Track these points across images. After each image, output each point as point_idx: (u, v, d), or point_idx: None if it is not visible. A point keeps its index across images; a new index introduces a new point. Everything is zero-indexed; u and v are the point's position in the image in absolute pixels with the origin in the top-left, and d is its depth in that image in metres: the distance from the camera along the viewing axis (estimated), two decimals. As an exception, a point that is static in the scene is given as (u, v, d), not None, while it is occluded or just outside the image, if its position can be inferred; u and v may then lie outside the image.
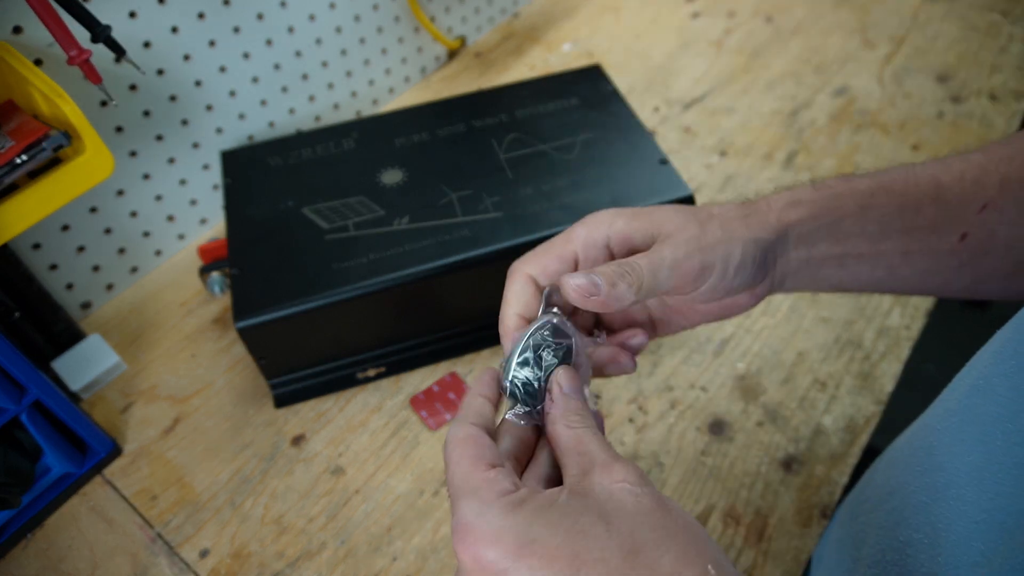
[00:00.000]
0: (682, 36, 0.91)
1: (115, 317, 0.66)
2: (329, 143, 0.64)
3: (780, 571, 0.48)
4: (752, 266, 0.34)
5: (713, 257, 0.33)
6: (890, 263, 0.37)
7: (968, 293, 0.38)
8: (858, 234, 0.36)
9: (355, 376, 0.59)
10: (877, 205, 0.36)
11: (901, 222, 0.36)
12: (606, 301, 0.31)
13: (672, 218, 0.35)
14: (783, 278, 0.37)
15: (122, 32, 0.55)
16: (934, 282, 0.38)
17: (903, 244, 0.36)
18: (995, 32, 0.87)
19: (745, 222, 0.35)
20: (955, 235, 0.36)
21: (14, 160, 0.43)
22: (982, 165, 0.36)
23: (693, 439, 0.55)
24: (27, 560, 0.51)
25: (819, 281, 0.38)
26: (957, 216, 0.36)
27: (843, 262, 0.37)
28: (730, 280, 0.34)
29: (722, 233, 0.34)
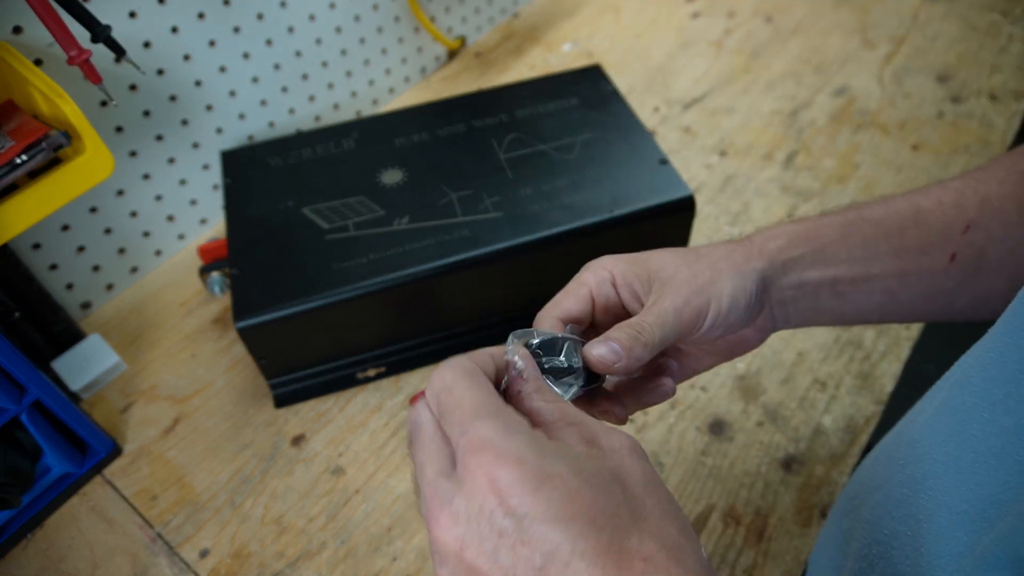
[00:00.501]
0: (682, 36, 0.91)
1: (115, 317, 0.66)
2: (329, 143, 0.64)
3: (780, 571, 0.48)
4: (744, 299, 0.35)
5: (706, 298, 0.35)
6: (887, 286, 0.37)
7: (971, 314, 0.38)
8: (844, 259, 0.37)
9: (355, 376, 0.59)
10: (857, 232, 0.37)
11: (887, 245, 0.37)
12: (628, 365, 0.33)
13: (666, 263, 0.36)
14: (783, 309, 0.38)
15: (122, 32, 0.55)
16: (937, 304, 0.38)
17: (895, 266, 0.37)
18: (995, 32, 0.87)
19: (730, 259, 0.36)
20: (944, 256, 0.36)
21: (14, 160, 0.43)
22: (959, 188, 0.37)
23: (693, 439, 0.55)
24: (27, 560, 0.51)
25: (821, 312, 0.38)
26: (942, 238, 0.36)
27: (838, 289, 0.37)
28: (725, 316, 0.35)
29: (711, 273, 0.35)
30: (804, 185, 0.72)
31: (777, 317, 0.38)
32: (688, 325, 0.34)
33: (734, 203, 0.71)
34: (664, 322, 0.34)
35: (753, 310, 0.36)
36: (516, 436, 0.25)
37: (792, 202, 0.71)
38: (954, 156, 0.74)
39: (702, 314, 0.35)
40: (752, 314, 0.36)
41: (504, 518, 0.23)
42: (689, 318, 0.34)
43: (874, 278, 0.37)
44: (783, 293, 0.37)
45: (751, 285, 0.36)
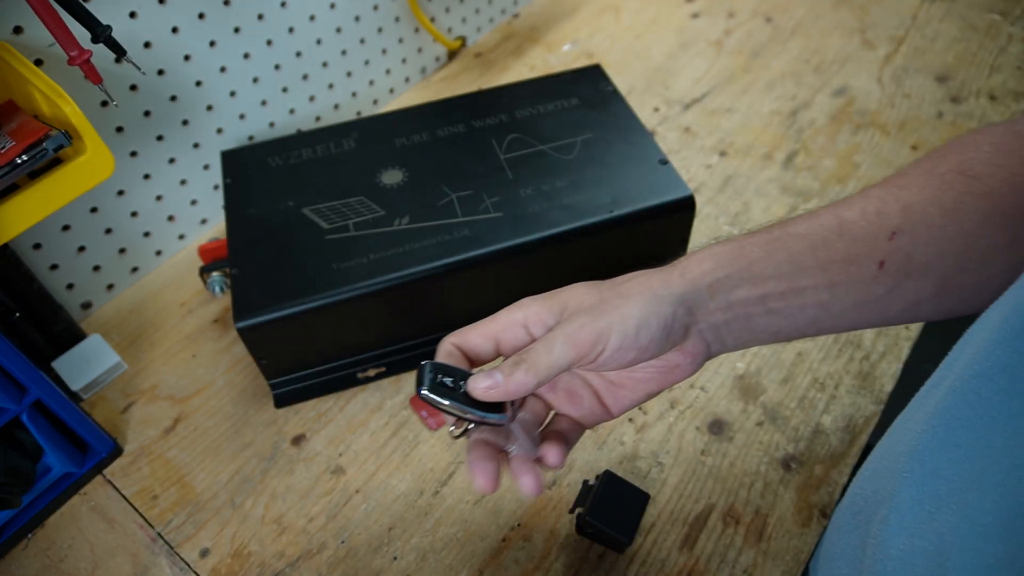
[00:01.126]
0: (682, 36, 0.91)
1: (115, 317, 0.66)
2: (329, 143, 0.64)
3: (780, 571, 0.48)
4: (657, 322, 0.35)
5: (607, 321, 0.35)
6: (818, 299, 0.37)
7: (904, 319, 0.39)
8: (772, 275, 0.37)
9: (355, 376, 0.59)
10: (782, 247, 0.37)
11: (813, 258, 0.37)
12: (508, 390, 0.34)
13: (575, 295, 0.37)
14: (715, 332, 0.37)
15: (122, 32, 0.55)
16: (871, 312, 0.38)
17: (824, 278, 0.37)
18: (995, 32, 0.87)
19: (646, 283, 0.37)
20: (873, 264, 0.36)
21: (15, 160, 0.43)
22: (881, 196, 0.38)
23: (693, 439, 0.55)
24: (28, 560, 0.51)
25: (756, 332, 0.38)
26: (868, 246, 0.36)
27: (768, 305, 0.37)
28: (634, 339, 0.35)
29: (619, 299, 0.36)
30: (804, 185, 0.72)
31: (710, 342, 0.38)
32: (584, 347, 0.35)
33: (734, 203, 0.71)
34: (551, 347, 0.35)
35: (674, 335, 0.36)
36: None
37: (792, 202, 0.71)
38: (954, 156, 0.74)
39: (602, 337, 0.35)
40: (673, 339, 0.36)
41: None
42: (585, 341, 0.35)
43: (804, 291, 0.37)
44: (712, 316, 0.37)
45: (666, 308, 0.36)
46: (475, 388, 0.35)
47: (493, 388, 0.35)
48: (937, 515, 0.30)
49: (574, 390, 0.40)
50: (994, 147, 0.38)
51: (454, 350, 0.38)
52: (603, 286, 0.38)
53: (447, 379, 0.36)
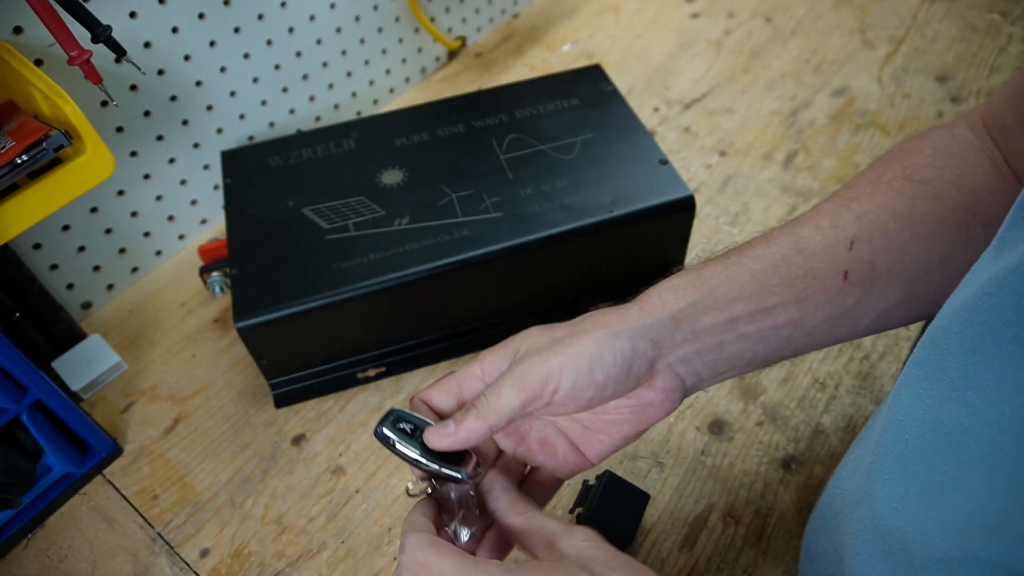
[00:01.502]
0: (682, 36, 0.91)
1: (115, 317, 0.66)
2: (329, 143, 0.64)
3: (780, 571, 0.48)
4: (612, 357, 0.34)
5: (557, 361, 0.34)
6: (788, 318, 0.36)
7: (876, 328, 0.38)
8: (737, 296, 0.36)
9: (355, 376, 0.59)
10: (743, 269, 0.37)
11: (776, 276, 0.36)
12: (460, 438, 0.35)
13: (527, 339, 0.37)
14: (688, 366, 0.36)
15: (122, 32, 0.55)
16: (843, 325, 0.37)
17: (790, 294, 0.36)
18: (995, 32, 0.87)
19: (602, 320, 0.36)
20: (837, 275, 0.36)
21: (15, 160, 0.43)
22: (832, 210, 0.38)
23: (693, 439, 0.55)
24: (28, 560, 0.51)
25: (732, 359, 0.37)
26: (829, 258, 0.36)
27: (738, 330, 0.36)
28: (589, 376, 0.34)
29: (572, 338, 0.35)
30: (804, 185, 0.72)
31: (683, 375, 0.36)
32: (534, 388, 0.34)
33: (734, 203, 0.71)
34: (500, 391, 0.35)
35: (636, 369, 0.35)
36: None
37: (792, 202, 0.71)
38: (954, 156, 0.74)
39: (552, 377, 0.34)
40: (636, 374, 0.35)
41: None
42: (534, 381, 0.34)
43: (773, 310, 0.36)
44: (681, 348, 0.36)
45: (624, 343, 0.35)
46: (430, 437, 0.35)
47: (446, 437, 0.35)
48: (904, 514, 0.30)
49: (546, 439, 0.39)
50: (935, 151, 0.39)
51: (422, 406, 0.39)
52: (558, 327, 0.37)
53: (407, 426, 0.37)
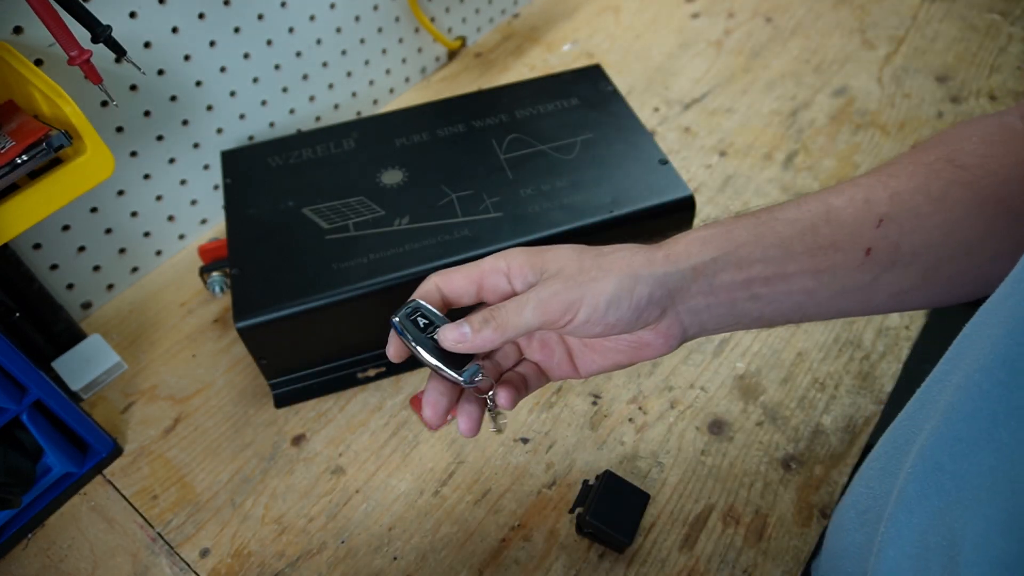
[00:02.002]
0: (682, 36, 0.91)
1: (115, 317, 0.66)
2: (329, 143, 0.64)
3: (780, 571, 0.48)
4: (629, 301, 0.35)
5: (579, 293, 0.35)
6: (803, 286, 0.37)
7: (890, 307, 0.39)
8: (759, 259, 0.36)
9: (355, 376, 0.59)
10: (771, 231, 0.37)
11: (801, 243, 0.36)
12: (474, 344, 0.36)
13: (558, 258, 0.38)
14: (695, 316, 0.37)
15: (122, 32, 0.55)
16: (856, 300, 0.38)
17: (810, 264, 0.36)
18: (994, 32, 0.87)
19: (628, 260, 0.37)
20: (860, 251, 0.36)
21: (15, 160, 0.43)
22: (869, 184, 0.38)
23: (693, 439, 0.55)
24: (28, 560, 0.51)
25: (739, 316, 0.38)
26: (855, 233, 0.36)
27: (753, 290, 0.37)
28: (603, 315, 0.35)
29: (596, 271, 0.36)
30: (804, 185, 0.72)
31: (687, 325, 0.38)
32: (554, 315, 0.35)
33: (734, 203, 0.71)
34: (521, 308, 0.36)
35: (646, 315, 0.36)
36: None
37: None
38: (954, 156, 0.74)
39: (572, 308, 0.35)
40: (645, 319, 0.36)
41: None
42: (555, 308, 0.35)
43: (790, 277, 0.37)
44: (694, 300, 0.37)
45: (642, 289, 0.36)
46: (444, 339, 0.37)
47: (461, 342, 0.36)
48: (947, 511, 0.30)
49: (547, 342, 0.41)
50: (981, 138, 0.38)
51: (435, 290, 0.39)
52: (587, 254, 0.38)
53: (422, 320, 0.38)
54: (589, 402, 0.57)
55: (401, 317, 0.38)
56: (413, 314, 0.38)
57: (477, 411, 0.39)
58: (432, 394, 0.38)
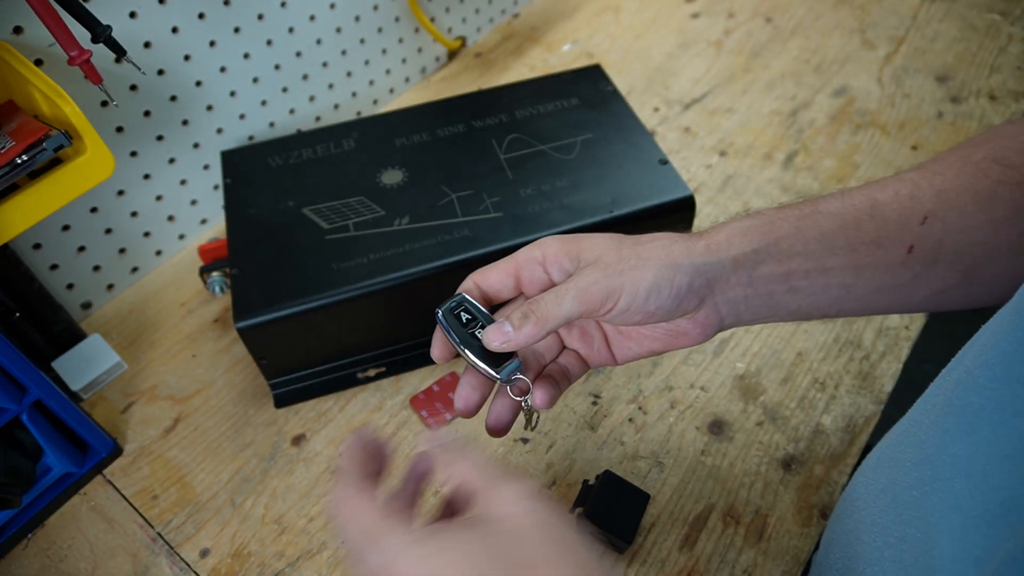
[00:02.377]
0: (682, 36, 0.91)
1: (115, 317, 0.66)
2: (329, 143, 0.64)
3: (780, 571, 0.48)
4: (669, 290, 0.35)
5: (619, 281, 0.35)
6: (843, 281, 0.37)
7: (929, 306, 0.38)
8: (800, 252, 0.36)
9: (355, 376, 0.59)
10: (813, 225, 0.37)
11: (843, 238, 0.36)
12: (518, 342, 0.36)
13: (595, 246, 0.38)
14: (732, 307, 0.37)
15: (122, 32, 0.55)
16: (894, 297, 0.38)
17: (851, 259, 0.36)
18: (994, 32, 0.87)
19: (667, 249, 0.36)
20: (902, 248, 0.36)
21: (15, 160, 0.43)
22: (915, 180, 0.37)
23: (693, 439, 0.55)
24: (28, 560, 0.51)
25: (776, 308, 0.38)
26: (899, 229, 0.36)
27: (792, 283, 0.37)
28: (643, 303, 0.35)
29: (636, 260, 0.36)
30: (804, 185, 0.72)
31: (724, 315, 0.37)
32: (594, 303, 0.35)
33: (734, 203, 0.71)
34: (562, 300, 0.35)
35: (685, 304, 0.36)
36: (409, 549, 0.27)
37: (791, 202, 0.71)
38: (954, 156, 0.74)
39: (612, 296, 0.35)
40: (684, 307, 0.36)
41: None
42: (595, 297, 0.35)
43: (830, 271, 0.36)
44: (732, 291, 0.37)
45: (682, 278, 0.36)
46: (489, 341, 0.36)
47: (505, 342, 0.36)
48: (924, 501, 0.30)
49: (587, 330, 0.41)
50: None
51: (475, 288, 0.39)
52: (625, 242, 0.38)
53: (465, 315, 0.38)
54: (589, 402, 0.57)
55: (445, 311, 0.38)
56: (457, 308, 0.38)
57: (510, 408, 0.39)
58: (465, 388, 0.38)
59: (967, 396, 0.29)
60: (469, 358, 0.38)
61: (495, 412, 0.39)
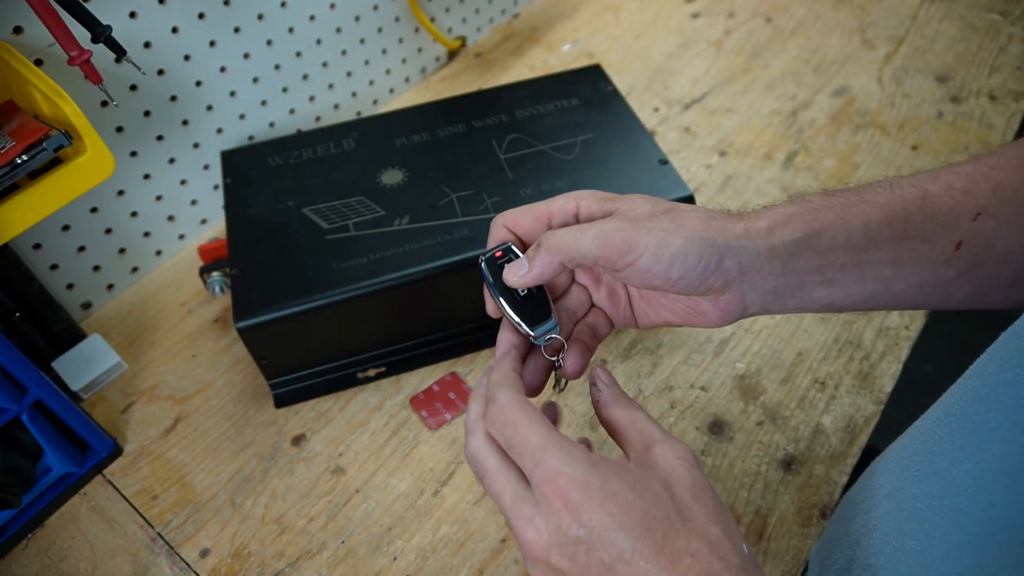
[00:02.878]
0: (682, 36, 0.91)
1: (115, 317, 0.66)
2: (329, 143, 0.64)
3: (780, 571, 0.48)
4: (696, 261, 0.34)
5: (645, 238, 0.34)
6: (881, 275, 0.35)
7: (969, 304, 0.37)
8: (841, 245, 0.35)
9: (355, 376, 0.59)
10: (859, 215, 0.35)
11: (890, 232, 0.34)
12: (535, 273, 0.36)
13: (630, 202, 0.37)
14: (760, 296, 0.36)
15: (122, 32, 0.55)
16: (933, 295, 0.36)
17: (893, 253, 0.35)
18: (994, 32, 0.87)
19: (705, 223, 0.35)
20: (949, 244, 0.34)
21: (15, 160, 0.43)
22: (970, 174, 0.35)
23: (693, 439, 0.55)
24: (28, 560, 0.51)
25: (805, 300, 0.36)
26: (949, 225, 0.34)
27: (827, 275, 0.35)
28: (666, 268, 0.34)
29: (669, 223, 0.34)
30: (804, 185, 0.72)
31: (749, 303, 0.36)
32: (612, 250, 0.34)
33: (734, 203, 0.71)
34: (581, 235, 0.35)
35: (710, 280, 0.35)
36: (580, 464, 0.30)
37: (792, 202, 0.71)
38: (953, 156, 0.74)
39: (634, 250, 0.34)
40: (708, 284, 0.35)
41: (578, 529, 0.29)
42: (615, 244, 0.34)
43: (868, 265, 0.35)
44: (763, 281, 0.35)
45: (712, 255, 0.34)
46: (509, 278, 0.36)
47: (521, 274, 0.36)
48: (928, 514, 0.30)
49: (614, 290, 0.41)
50: None
51: (506, 233, 0.38)
52: (660, 204, 0.36)
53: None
54: (589, 402, 0.57)
55: (488, 259, 0.37)
56: (502, 257, 0.37)
57: (543, 370, 0.38)
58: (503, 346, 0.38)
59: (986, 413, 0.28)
60: (505, 310, 0.37)
61: (527, 375, 0.38)
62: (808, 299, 0.36)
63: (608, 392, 0.36)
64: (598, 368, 0.37)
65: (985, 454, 0.27)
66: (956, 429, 0.30)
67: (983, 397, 0.29)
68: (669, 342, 0.61)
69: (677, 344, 0.61)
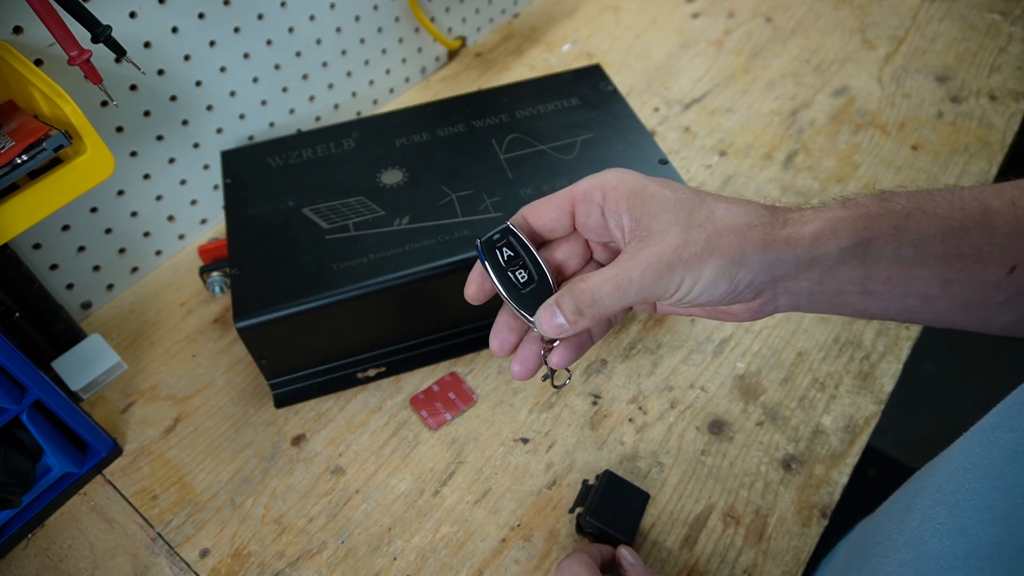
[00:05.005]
0: (682, 36, 0.91)
1: (115, 317, 0.66)
2: (329, 143, 0.64)
3: (780, 571, 0.48)
4: (727, 286, 0.33)
5: (680, 276, 0.33)
6: (925, 291, 0.33)
7: (1008, 331, 0.34)
8: (889, 257, 0.32)
9: (355, 376, 0.59)
10: (913, 227, 0.32)
11: (943, 247, 0.32)
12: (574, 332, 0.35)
13: (661, 210, 0.34)
14: (793, 297, 0.35)
15: (122, 32, 0.55)
16: (974, 317, 0.34)
17: (942, 271, 0.32)
18: (994, 32, 0.87)
19: (741, 239, 0.33)
20: (1004, 267, 0.32)
21: (15, 160, 0.43)
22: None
23: (693, 439, 0.55)
24: (28, 560, 0.51)
25: (839, 307, 0.35)
26: (1008, 246, 0.32)
27: (868, 287, 0.33)
28: (695, 296, 0.33)
29: (702, 249, 0.33)
30: (804, 185, 0.72)
31: (782, 303, 0.35)
32: (651, 294, 0.34)
33: (734, 203, 0.71)
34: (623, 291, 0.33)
35: (741, 296, 0.34)
36: None
37: (792, 202, 0.71)
38: (953, 156, 0.74)
39: (670, 289, 0.33)
40: (738, 299, 0.34)
41: None
42: (653, 290, 0.33)
43: (914, 280, 0.33)
44: (799, 286, 0.34)
45: (744, 275, 0.33)
46: (543, 324, 0.35)
47: (561, 331, 0.34)
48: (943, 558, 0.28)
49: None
50: None
51: (525, 224, 0.37)
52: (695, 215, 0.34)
53: (508, 251, 0.35)
54: (589, 402, 0.57)
55: (485, 243, 0.35)
56: (500, 241, 0.35)
57: (537, 353, 0.37)
58: (501, 329, 0.37)
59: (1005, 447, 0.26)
60: (505, 297, 0.36)
61: (521, 355, 0.37)
62: (842, 305, 0.35)
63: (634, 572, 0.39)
64: (622, 548, 0.40)
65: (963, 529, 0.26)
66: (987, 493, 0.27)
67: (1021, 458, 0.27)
68: (669, 342, 0.61)
69: (677, 344, 0.61)
